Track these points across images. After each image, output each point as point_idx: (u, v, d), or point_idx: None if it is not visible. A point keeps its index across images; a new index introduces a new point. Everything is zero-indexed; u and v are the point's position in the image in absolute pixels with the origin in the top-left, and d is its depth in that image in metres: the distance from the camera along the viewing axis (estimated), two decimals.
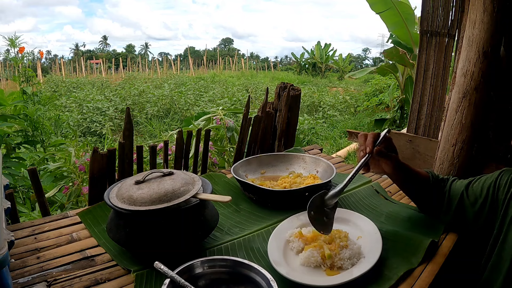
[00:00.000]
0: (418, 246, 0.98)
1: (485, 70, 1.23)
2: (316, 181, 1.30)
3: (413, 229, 1.09)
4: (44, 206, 1.21)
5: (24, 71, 2.84)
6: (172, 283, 0.76)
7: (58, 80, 13.56)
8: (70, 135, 5.60)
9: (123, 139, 1.30)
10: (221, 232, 1.07)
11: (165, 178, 0.94)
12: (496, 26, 1.21)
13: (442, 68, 1.48)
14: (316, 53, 21.03)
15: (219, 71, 22.25)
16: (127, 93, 9.80)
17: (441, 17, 1.47)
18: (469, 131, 1.28)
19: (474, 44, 1.23)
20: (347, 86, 15.16)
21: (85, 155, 2.14)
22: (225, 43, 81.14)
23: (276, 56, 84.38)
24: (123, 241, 0.90)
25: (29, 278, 0.83)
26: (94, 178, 1.22)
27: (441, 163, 1.35)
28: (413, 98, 1.57)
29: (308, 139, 6.68)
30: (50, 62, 24.26)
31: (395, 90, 8.13)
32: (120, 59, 25.57)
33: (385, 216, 1.20)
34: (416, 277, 0.90)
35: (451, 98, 1.33)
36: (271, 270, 0.84)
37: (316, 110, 9.58)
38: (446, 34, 1.46)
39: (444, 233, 1.09)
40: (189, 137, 1.54)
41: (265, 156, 1.53)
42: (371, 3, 5.57)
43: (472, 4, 1.24)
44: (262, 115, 1.81)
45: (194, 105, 8.66)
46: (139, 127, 7.37)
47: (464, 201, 1.05)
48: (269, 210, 1.21)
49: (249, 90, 11.50)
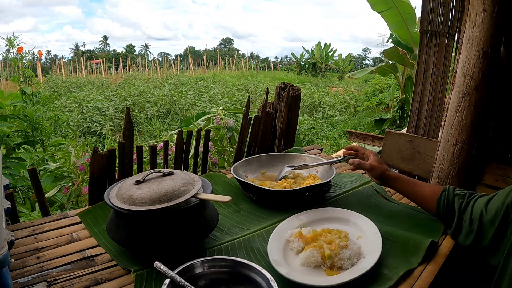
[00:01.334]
0: (418, 246, 0.98)
1: (485, 70, 1.23)
2: (316, 181, 1.30)
3: (413, 229, 1.09)
4: (44, 206, 1.21)
5: (23, 71, 2.84)
6: (172, 283, 0.76)
7: (58, 80, 13.55)
8: (70, 135, 5.60)
9: (123, 139, 1.29)
10: (221, 232, 1.07)
11: (165, 178, 0.94)
12: (496, 26, 1.21)
13: (442, 68, 1.48)
14: (316, 53, 21.04)
15: (219, 71, 22.25)
16: (127, 93, 9.80)
17: (441, 17, 1.47)
18: (469, 131, 1.28)
19: (474, 44, 1.23)
20: (347, 86, 15.16)
21: (85, 155, 2.14)
22: (225, 43, 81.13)
23: (276, 56, 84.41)
24: (123, 241, 0.90)
25: (29, 278, 0.83)
26: (94, 178, 1.22)
27: (441, 163, 1.35)
28: (413, 98, 1.57)
29: (308, 139, 6.68)
30: (50, 62, 24.26)
31: (395, 90, 8.13)
32: (120, 59, 25.56)
33: (385, 216, 1.20)
34: (416, 277, 0.90)
35: (451, 98, 1.33)
36: (271, 270, 0.84)
37: (316, 110, 9.58)
38: (446, 34, 1.46)
39: (444, 234, 1.09)
40: (189, 137, 1.54)
41: (265, 156, 1.53)
42: (372, 3, 5.57)
43: (472, 4, 1.24)
44: (262, 115, 1.81)
45: (194, 105, 8.66)
46: (139, 127, 7.37)
47: (483, 219, 0.95)
48: (269, 210, 1.21)
49: (249, 90, 11.50)
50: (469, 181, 1.34)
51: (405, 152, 1.56)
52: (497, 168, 1.29)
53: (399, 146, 1.57)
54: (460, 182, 1.33)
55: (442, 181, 1.35)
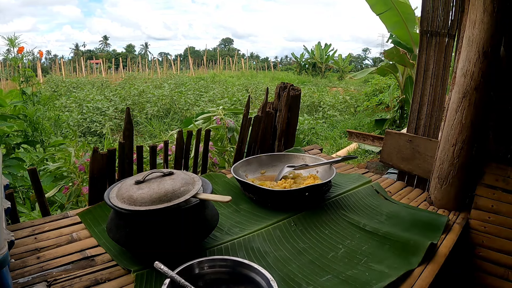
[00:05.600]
0: (418, 247, 0.99)
1: (485, 70, 1.23)
2: (316, 181, 1.30)
3: (413, 229, 1.09)
4: (44, 206, 1.21)
5: (24, 71, 2.83)
6: (172, 283, 0.76)
7: (58, 80, 13.55)
8: (70, 135, 5.60)
9: (123, 139, 1.29)
10: (221, 232, 1.07)
11: (165, 178, 0.94)
12: (496, 26, 1.21)
13: (442, 68, 1.48)
14: (316, 53, 21.03)
15: (219, 71, 22.23)
16: (127, 93, 9.79)
17: (441, 17, 1.46)
18: (469, 131, 1.28)
19: (474, 44, 1.23)
20: (347, 86, 15.15)
21: (85, 155, 2.14)
22: (225, 43, 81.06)
23: (276, 56, 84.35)
24: (123, 241, 0.90)
25: (29, 278, 0.83)
26: (94, 178, 1.22)
27: (441, 163, 1.35)
28: (413, 98, 1.57)
29: (308, 139, 6.67)
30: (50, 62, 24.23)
31: (395, 90, 8.13)
32: (120, 59, 25.55)
33: (385, 216, 1.20)
34: (416, 277, 0.90)
35: (451, 98, 1.33)
36: (271, 270, 0.84)
37: (316, 110, 9.57)
38: (446, 34, 1.46)
39: (444, 234, 1.09)
40: (189, 137, 1.54)
41: (265, 156, 1.53)
42: (371, 4, 5.57)
43: (472, 4, 1.24)
44: (262, 115, 1.81)
45: (194, 105, 8.65)
46: (139, 127, 7.36)
47: None
48: (269, 210, 1.21)
49: (249, 90, 11.50)
50: (469, 181, 1.34)
51: (405, 152, 1.56)
52: (497, 168, 1.29)
53: (399, 146, 1.57)
54: (460, 182, 1.33)
55: (442, 181, 1.35)
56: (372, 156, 5.49)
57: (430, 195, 1.41)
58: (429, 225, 1.13)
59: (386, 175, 1.95)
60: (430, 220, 1.16)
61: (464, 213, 1.33)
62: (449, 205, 1.36)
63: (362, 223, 1.15)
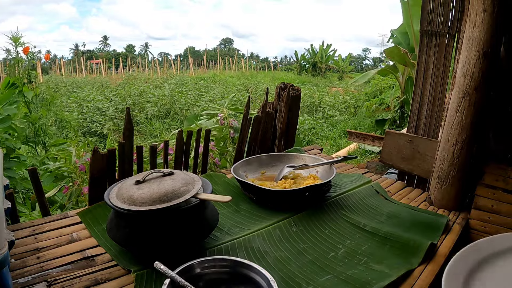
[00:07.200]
0: (418, 247, 0.99)
1: (485, 70, 1.23)
2: (316, 181, 1.30)
3: (413, 229, 1.09)
4: (44, 206, 1.21)
5: (28, 73, 2.81)
6: (172, 283, 0.76)
7: (58, 80, 13.55)
8: (70, 135, 5.60)
9: (123, 139, 1.30)
10: (221, 232, 1.07)
11: (165, 178, 0.95)
12: (496, 26, 1.21)
13: (442, 68, 1.48)
14: (318, 53, 21.03)
15: (219, 71, 22.23)
16: (127, 93, 9.79)
17: (441, 17, 1.46)
18: (469, 131, 1.28)
19: (474, 44, 1.23)
20: (347, 86, 15.14)
21: (85, 155, 2.14)
22: (225, 43, 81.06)
23: (276, 56, 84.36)
24: (123, 241, 0.90)
25: (29, 278, 0.83)
26: (94, 178, 1.22)
27: (441, 163, 1.35)
28: (413, 98, 1.57)
29: (308, 139, 6.68)
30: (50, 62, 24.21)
31: (395, 90, 8.13)
32: (120, 59, 25.56)
33: (385, 216, 1.20)
34: (416, 277, 0.90)
35: (451, 98, 1.33)
36: (271, 270, 0.84)
37: (316, 110, 9.57)
38: (446, 34, 1.46)
39: (444, 234, 1.09)
40: (189, 137, 1.55)
41: (265, 156, 1.53)
42: None
43: (472, 4, 1.24)
44: (262, 115, 1.81)
45: (194, 105, 8.65)
46: (139, 127, 7.36)
47: None
48: (269, 210, 1.21)
49: (249, 90, 11.50)
50: (469, 181, 1.34)
51: (405, 152, 1.56)
52: (497, 168, 1.29)
53: (399, 146, 1.57)
54: (460, 182, 1.33)
55: (442, 181, 1.35)
56: (372, 156, 5.49)
57: (430, 195, 1.41)
58: (429, 225, 1.13)
59: (386, 175, 1.95)
60: (430, 220, 1.16)
61: (464, 213, 1.33)
62: (449, 205, 1.36)
63: (362, 223, 1.15)
